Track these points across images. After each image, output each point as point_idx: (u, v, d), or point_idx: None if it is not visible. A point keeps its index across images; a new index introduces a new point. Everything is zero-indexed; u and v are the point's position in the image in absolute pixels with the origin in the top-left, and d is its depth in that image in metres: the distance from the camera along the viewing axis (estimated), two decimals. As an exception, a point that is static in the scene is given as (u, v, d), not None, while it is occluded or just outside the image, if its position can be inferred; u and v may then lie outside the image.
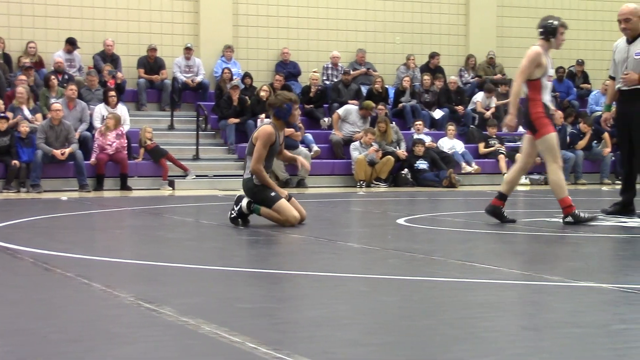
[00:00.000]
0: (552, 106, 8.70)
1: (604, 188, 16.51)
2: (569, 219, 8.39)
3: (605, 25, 20.30)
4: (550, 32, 8.50)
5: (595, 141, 18.52)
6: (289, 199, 8.32)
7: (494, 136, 18.52)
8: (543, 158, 8.73)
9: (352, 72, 19.04)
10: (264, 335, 3.60)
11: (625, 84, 9.13)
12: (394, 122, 17.99)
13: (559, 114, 18.24)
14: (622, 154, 9.58)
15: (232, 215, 8.32)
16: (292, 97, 8.47)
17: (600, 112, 13.06)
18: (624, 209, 9.30)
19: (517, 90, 8.54)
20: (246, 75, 18.47)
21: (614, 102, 9.45)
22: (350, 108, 17.76)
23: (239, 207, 8.31)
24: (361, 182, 16.57)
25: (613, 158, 17.83)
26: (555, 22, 8.54)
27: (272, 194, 8.26)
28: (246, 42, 19.32)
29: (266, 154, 8.28)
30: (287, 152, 9.12)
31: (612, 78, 9.47)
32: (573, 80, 20.86)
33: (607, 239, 7.68)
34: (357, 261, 6.22)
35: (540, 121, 8.40)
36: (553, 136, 8.44)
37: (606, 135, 18.14)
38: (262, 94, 17.50)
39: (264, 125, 8.43)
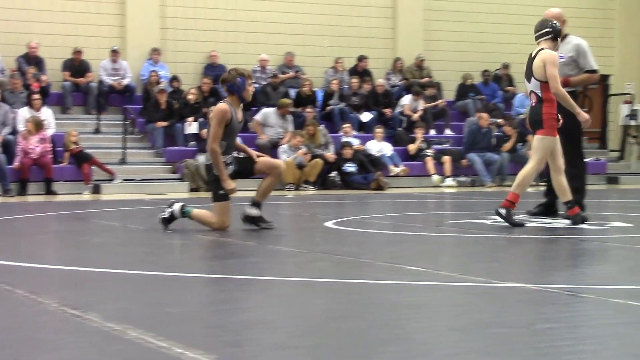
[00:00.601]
0: None
1: (529, 190, 16.73)
2: (503, 211, 8.43)
3: (530, 29, 20.52)
4: (557, 33, 8.59)
5: (520, 143, 18.80)
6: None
7: (422, 138, 18.67)
8: (532, 153, 8.71)
9: (280, 76, 19.04)
10: (192, 340, 3.58)
11: (548, 87, 9.25)
12: (322, 125, 18.03)
13: (485, 116, 18.49)
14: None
15: (164, 216, 8.25)
16: (246, 72, 8.37)
17: (525, 115, 13.29)
18: (547, 210, 9.46)
19: (565, 93, 8.45)
20: (174, 78, 18.34)
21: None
22: (267, 111, 17.73)
23: (171, 209, 8.23)
24: (290, 185, 16.58)
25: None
26: (557, 23, 8.65)
27: (221, 192, 8.15)
28: (174, 45, 19.19)
29: (224, 133, 8.13)
30: (240, 144, 8.96)
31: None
32: (498, 83, 21.14)
33: (531, 239, 7.80)
34: (286, 264, 6.21)
35: (550, 122, 8.44)
36: (554, 140, 8.46)
37: (530, 137, 18.39)
38: (190, 97, 17.39)
39: (218, 104, 8.35)
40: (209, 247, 7.30)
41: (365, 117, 19.06)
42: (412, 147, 18.44)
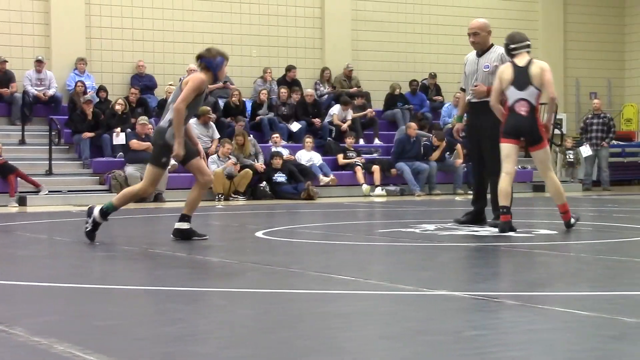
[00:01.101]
0: None
1: (457, 198, 16.94)
2: (573, 221, 8.78)
3: (456, 39, 20.88)
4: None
5: (448, 152, 19.00)
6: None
7: (352, 148, 18.77)
8: (540, 166, 8.91)
9: (209, 86, 18.93)
10: (120, 353, 3.53)
11: (475, 97, 9.40)
12: (251, 135, 18.00)
13: (414, 126, 18.65)
14: (473, 164, 9.84)
15: (88, 229, 8.10)
16: (226, 54, 8.32)
17: (452, 124, 13.43)
18: (475, 218, 9.57)
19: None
20: (100, 88, 18.14)
21: (465, 114, 9.72)
22: (189, 123, 17.59)
23: (92, 218, 8.08)
24: (219, 196, 16.50)
25: (465, 169, 18.33)
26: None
27: (164, 159, 8.06)
28: (100, 55, 18.99)
29: (191, 102, 8.02)
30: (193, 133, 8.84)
31: (463, 90, 9.74)
32: (426, 92, 21.36)
33: (460, 247, 7.88)
34: (216, 275, 6.18)
35: (544, 132, 8.69)
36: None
37: (459, 146, 18.63)
38: (117, 107, 17.23)
39: (196, 73, 8.22)
40: (138, 259, 7.23)
41: (295, 127, 19.09)
42: (342, 160, 18.50)
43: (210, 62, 8.13)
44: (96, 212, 8.05)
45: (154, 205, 15.38)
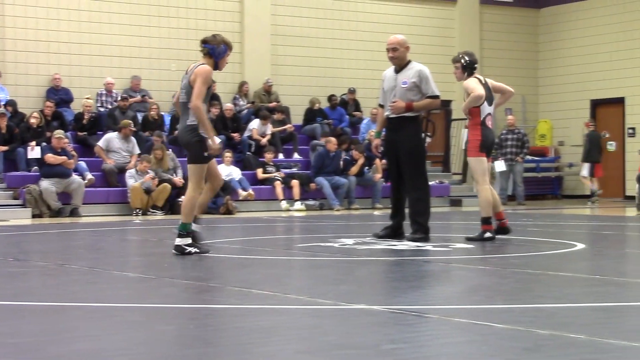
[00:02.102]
0: None
1: (376, 212, 17.05)
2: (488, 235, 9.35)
3: (375, 54, 21.05)
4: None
5: (367, 167, 19.13)
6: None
7: (271, 163, 18.76)
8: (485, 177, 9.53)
9: (129, 100, 18.75)
10: (34, 371, 3.46)
11: (393, 112, 9.49)
12: (170, 150, 17.87)
13: (333, 140, 18.73)
14: (392, 179, 9.93)
15: (196, 252, 7.97)
16: (230, 44, 8.29)
17: (368, 137, 13.53)
18: (394, 232, 9.65)
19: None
20: (8, 103, 17.68)
21: (383, 129, 9.81)
22: (110, 136, 17.44)
23: (189, 249, 7.95)
24: (137, 210, 16.33)
25: (384, 183, 18.46)
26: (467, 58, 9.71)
27: (206, 154, 7.97)
28: (14, 68, 18.63)
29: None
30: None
31: (381, 106, 9.83)
32: (345, 108, 21.47)
33: (378, 262, 7.93)
34: (133, 290, 6.11)
35: None
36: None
37: (377, 161, 18.76)
38: (32, 120, 16.92)
39: (200, 65, 8.11)
40: (52, 274, 7.10)
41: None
42: (261, 175, 18.48)
43: (214, 48, 8.13)
44: (185, 241, 7.97)
45: (70, 220, 15.16)
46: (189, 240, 8.01)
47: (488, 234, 9.34)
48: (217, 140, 8.03)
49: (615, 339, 4.03)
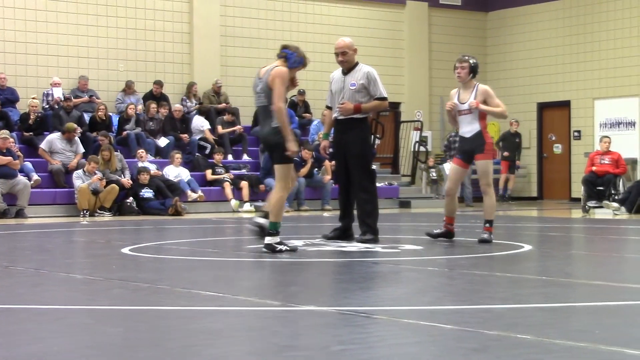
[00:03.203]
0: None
1: (325, 214, 17.08)
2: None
3: (324, 56, 21.09)
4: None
5: (316, 169, 19.14)
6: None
7: (220, 164, 18.70)
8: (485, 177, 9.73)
9: (74, 100, 18.57)
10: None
11: (341, 114, 9.52)
12: (118, 150, 17.73)
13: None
14: (340, 181, 9.95)
15: (285, 249, 8.16)
16: (307, 61, 8.58)
17: (319, 140, 13.51)
18: (343, 234, 9.66)
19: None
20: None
21: (331, 131, 9.83)
22: (52, 138, 17.25)
23: (280, 247, 8.15)
24: (84, 212, 16.18)
25: (334, 185, 18.50)
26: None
27: (288, 153, 8.14)
28: (-41, 66, 18.37)
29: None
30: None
31: (329, 108, 9.85)
32: (295, 109, 21.47)
33: (328, 263, 7.94)
34: (80, 292, 6.04)
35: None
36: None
37: (327, 163, 18.80)
38: (-22, 120, 16.69)
39: (276, 68, 8.29)
40: (-2, 277, 7.00)
41: (162, 142, 18.90)
42: (210, 176, 18.41)
43: (293, 55, 8.33)
44: (275, 240, 8.13)
45: (15, 222, 14.96)
46: (278, 239, 8.16)
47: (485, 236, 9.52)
48: (296, 147, 8.30)
49: (562, 339, 4.08)
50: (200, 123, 19.51)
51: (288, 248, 8.20)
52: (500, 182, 21.84)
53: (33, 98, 18.09)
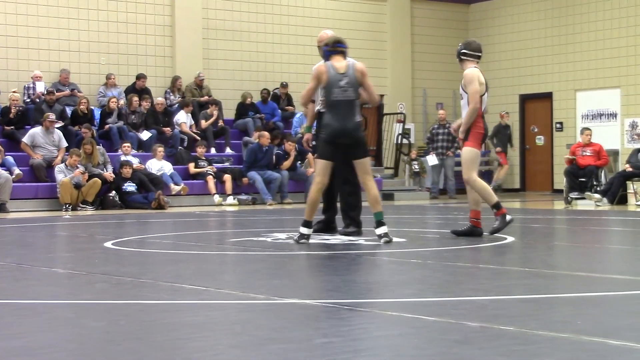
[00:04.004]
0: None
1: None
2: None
3: (307, 49, 21.09)
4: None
5: (299, 162, 19.14)
6: None
7: (203, 157, 18.67)
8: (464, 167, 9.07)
9: (56, 93, 18.47)
10: (-40, 369, 3.40)
11: (324, 107, 9.49)
12: (100, 144, 17.67)
13: (266, 135, 18.69)
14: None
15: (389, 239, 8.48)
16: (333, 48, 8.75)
17: (302, 133, 13.50)
18: (326, 227, 9.67)
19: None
20: None
21: (314, 124, 9.81)
22: (34, 132, 17.17)
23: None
24: (67, 206, 16.12)
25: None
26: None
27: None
28: (-60, 60, 18.25)
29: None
30: None
31: (312, 101, 9.83)
32: (277, 102, 21.46)
33: (311, 256, 7.94)
34: (63, 287, 6.03)
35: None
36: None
37: (309, 156, 18.79)
38: (-42, 114, 16.59)
39: (358, 63, 8.78)
40: (-20, 272, 6.97)
41: (145, 135, 18.84)
42: (193, 170, 18.38)
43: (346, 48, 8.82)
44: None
45: (-2, 216, 14.90)
46: (386, 229, 8.51)
47: (508, 217, 8.96)
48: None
49: (544, 330, 4.09)
50: (179, 118, 19.42)
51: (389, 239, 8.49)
52: (498, 174, 21.77)
53: (14, 92, 17.99)
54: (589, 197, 17.00)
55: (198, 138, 19.09)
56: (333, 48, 8.73)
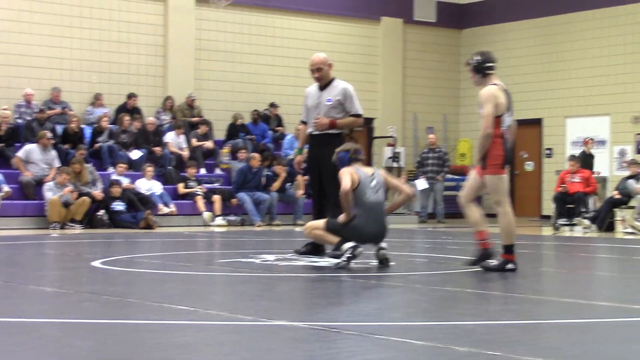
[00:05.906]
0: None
1: (297, 229, 17.06)
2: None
3: (298, 71, 21.12)
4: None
5: (289, 183, 19.15)
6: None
7: (193, 177, 18.66)
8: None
9: (47, 111, 18.45)
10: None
11: (316, 129, 9.54)
12: (90, 163, 17.64)
13: (257, 157, 18.69)
14: (314, 196, 9.96)
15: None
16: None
17: (293, 156, 13.56)
18: (315, 249, 9.66)
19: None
20: None
21: (306, 146, 9.84)
22: (30, 148, 17.17)
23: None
24: (55, 224, 16.07)
25: (306, 199, 18.50)
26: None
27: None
28: None
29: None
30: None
31: (304, 122, 9.86)
32: (267, 123, 21.48)
33: (300, 278, 7.94)
34: (50, 305, 6.01)
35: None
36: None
37: (299, 177, 18.80)
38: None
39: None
40: (-33, 289, 6.94)
41: (135, 154, 18.82)
42: (182, 190, 18.35)
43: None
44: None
45: (-14, 233, 14.84)
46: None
47: (510, 265, 8.07)
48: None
49: (531, 356, 4.10)
50: (168, 138, 19.40)
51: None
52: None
53: (4, 109, 17.97)
54: (579, 223, 17.06)
55: (186, 156, 19.06)
56: (355, 156, 8.73)
